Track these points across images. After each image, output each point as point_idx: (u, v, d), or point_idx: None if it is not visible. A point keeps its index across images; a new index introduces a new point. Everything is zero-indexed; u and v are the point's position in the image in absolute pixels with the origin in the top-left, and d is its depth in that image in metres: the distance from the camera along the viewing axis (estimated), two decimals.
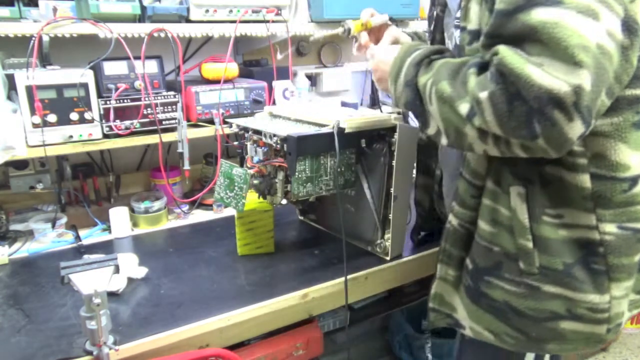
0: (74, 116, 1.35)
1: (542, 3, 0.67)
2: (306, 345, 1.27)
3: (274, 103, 1.67)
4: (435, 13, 1.04)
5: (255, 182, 1.23)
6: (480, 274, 0.95)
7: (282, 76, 1.70)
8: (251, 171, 1.21)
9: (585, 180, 0.82)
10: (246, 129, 1.26)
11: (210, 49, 1.78)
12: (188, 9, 1.45)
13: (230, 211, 1.67)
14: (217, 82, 1.56)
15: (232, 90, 1.58)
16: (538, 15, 0.67)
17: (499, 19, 0.72)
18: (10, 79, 1.31)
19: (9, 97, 1.33)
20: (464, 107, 0.76)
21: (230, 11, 1.50)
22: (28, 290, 1.20)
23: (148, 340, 1.01)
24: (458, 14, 0.93)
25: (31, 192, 1.55)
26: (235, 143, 1.37)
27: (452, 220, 1.00)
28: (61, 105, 1.33)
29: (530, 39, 0.67)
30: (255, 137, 1.23)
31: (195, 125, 1.55)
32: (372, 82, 2.08)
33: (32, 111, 1.30)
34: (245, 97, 1.60)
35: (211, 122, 1.56)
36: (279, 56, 1.23)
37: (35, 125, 1.31)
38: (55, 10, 1.30)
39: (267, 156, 1.21)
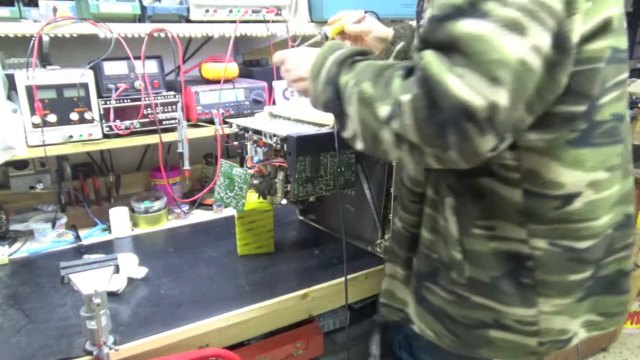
0: (74, 116, 1.35)
1: (470, 14, 0.66)
2: (306, 345, 1.27)
3: (274, 103, 1.67)
4: (422, 7, 1.03)
5: (255, 182, 1.23)
6: (421, 278, 0.97)
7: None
8: (251, 171, 1.21)
9: (517, 195, 0.82)
10: (246, 129, 1.26)
11: (210, 49, 1.78)
12: (188, 9, 1.45)
13: (230, 211, 1.67)
14: (217, 82, 1.56)
15: (232, 90, 1.58)
16: (463, 26, 0.65)
17: (430, 25, 0.70)
18: (10, 79, 1.31)
19: (9, 97, 1.33)
20: (384, 110, 0.74)
21: (230, 11, 1.50)
22: (28, 290, 1.20)
23: (148, 340, 1.01)
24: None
25: (31, 192, 1.55)
26: (235, 143, 1.37)
27: (397, 222, 1.02)
28: (61, 105, 1.33)
29: (454, 49, 0.66)
30: (255, 137, 1.23)
31: (195, 125, 1.55)
32: None
33: (32, 111, 1.30)
34: (245, 97, 1.60)
35: (211, 122, 1.56)
36: (302, 47, 1.24)
37: (35, 125, 1.31)
38: (55, 10, 1.30)
39: (267, 156, 1.21)
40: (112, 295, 1.15)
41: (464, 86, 0.64)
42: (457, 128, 0.66)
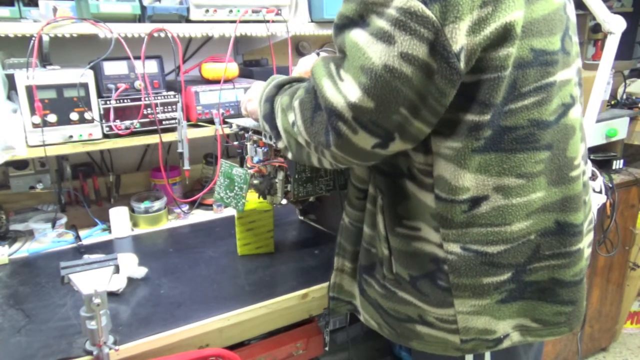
0: (74, 116, 1.35)
1: (357, 25, 0.73)
2: (306, 345, 1.27)
3: None
4: None
5: (255, 182, 1.23)
6: (362, 271, 1.02)
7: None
8: (251, 171, 1.21)
9: (430, 199, 0.84)
10: (246, 129, 1.26)
11: (210, 49, 1.78)
12: (188, 9, 1.45)
13: (230, 211, 1.67)
14: (217, 82, 1.56)
15: (232, 90, 1.58)
16: (350, 35, 0.73)
17: (333, 30, 0.78)
18: (10, 79, 1.31)
19: (9, 97, 1.33)
20: (290, 116, 0.84)
21: (230, 11, 1.50)
22: (28, 290, 1.20)
23: (148, 340, 1.01)
24: None
25: (31, 192, 1.55)
26: (235, 143, 1.37)
27: (345, 217, 1.05)
28: (61, 105, 1.33)
29: (344, 54, 0.74)
30: (255, 137, 1.23)
31: (195, 125, 1.55)
32: None
33: (32, 111, 1.30)
34: None
35: (211, 122, 1.56)
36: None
37: (35, 125, 1.31)
38: (55, 10, 1.30)
39: (267, 156, 1.21)
40: (112, 295, 1.15)
41: (332, 89, 0.73)
42: (332, 127, 0.74)
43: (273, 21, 1.57)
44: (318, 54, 1.20)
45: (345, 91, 0.72)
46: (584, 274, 0.93)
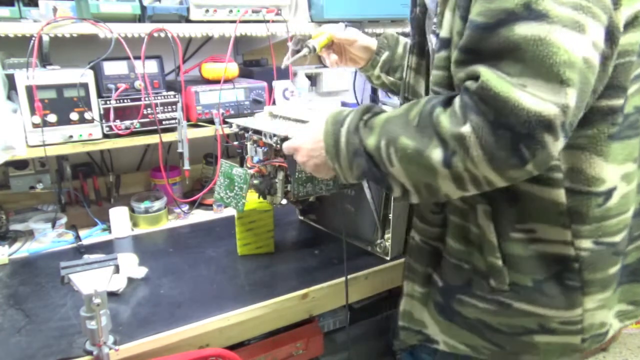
0: (74, 116, 1.35)
1: (526, 17, 0.63)
2: (306, 345, 1.27)
3: (274, 103, 1.67)
4: (416, 14, 1.02)
5: (255, 182, 1.23)
6: (452, 292, 0.93)
7: (282, 76, 1.70)
8: (251, 171, 1.21)
9: (560, 195, 0.79)
10: (246, 129, 1.26)
11: (210, 49, 1.78)
12: (188, 9, 1.45)
13: (230, 211, 1.67)
14: (217, 82, 1.56)
15: (232, 90, 1.58)
16: (521, 31, 0.63)
17: (477, 33, 0.67)
18: (10, 79, 1.31)
19: (9, 97, 1.33)
20: (436, 154, 0.71)
21: (230, 11, 1.50)
22: (28, 290, 1.20)
23: (148, 340, 1.01)
24: (435, 19, 0.87)
25: (31, 192, 1.55)
26: (235, 143, 1.37)
27: (415, 236, 0.98)
28: (61, 105, 1.33)
29: (510, 57, 0.64)
30: (255, 137, 1.23)
31: (195, 125, 1.55)
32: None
33: (32, 111, 1.30)
34: (245, 97, 1.60)
35: (211, 122, 1.56)
36: (287, 62, 1.22)
37: (35, 125, 1.31)
38: (55, 10, 1.30)
39: (267, 156, 1.21)
40: (112, 295, 1.15)
41: (532, 97, 0.62)
42: (532, 142, 0.64)
43: (273, 21, 1.57)
44: (314, 49, 1.19)
45: (547, 96, 0.62)
46: None
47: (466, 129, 0.67)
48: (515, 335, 0.88)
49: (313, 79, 2.00)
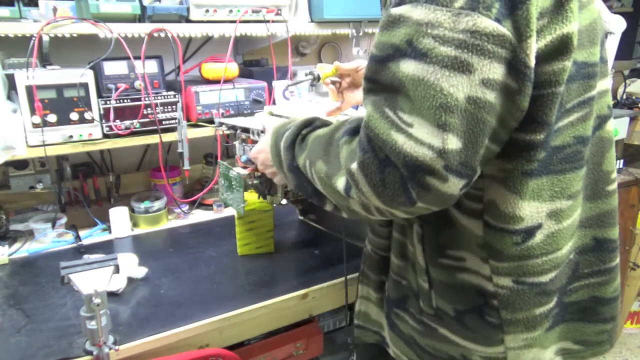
0: (74, 116, 1.35)
1: (409, 55, 0.61)
2: (306, 345, 1.27)
3: (274, 103, 1.67)
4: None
5: (255, 182, 1.23)
6: (391, 305, 0.93)
7: (282, 76, 1.70)
8: (245, 171, 1.20)
9: (478, 227, 0.76)
10: (234, 128, 1.25)
11: (210, 49, 1.78)
12: (188, 9, 1.45)
13: (230, 211, 1.67)
14: (217, 82, 1.56)
15: (232, 90, 1.58)
16: (405, 69, 0.61)
17: (373, 65, 0.66)
18: (10, 79, 1.31)
19: (9, 97, 1.33)
20: (340, 183, 0.71)
21: (230, 11, 1.50)
22: (28, 290, 1.20)
23: (148, 340, 1.01)
24: None
25: (31, 192, 1.55)
26: (235, 143, 1.37)
27: (367, 244, 0.99)
28: (61, 105, 1.33)
29: (402, 93, 0.62)
30: (243, 135, 1.21)
31: (195, 125, 1.55)
32: None
33: (32, 111, 1.30)
34: (245, 97, 1.60)
35: (211, 122, 1.56)
36: (290, 84, 1.24)
37: (35, 125, 1.31)
38: (55, 10, 1.30)
39: None
40: (112, 295, 1.15)
41: (409, 141, 0.61)
42: (416, 183, 0.62)
43: (273, 21, 1.57)
44: (318, 77, 1.19)
45: (426, 139, 0.60)
46: (620, 288, 0.89)
47: (354, 166, 0.67)
48: (441, 359, 0.86)
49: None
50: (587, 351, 0.88)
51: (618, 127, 2.03)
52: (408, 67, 0.61)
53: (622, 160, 2.13)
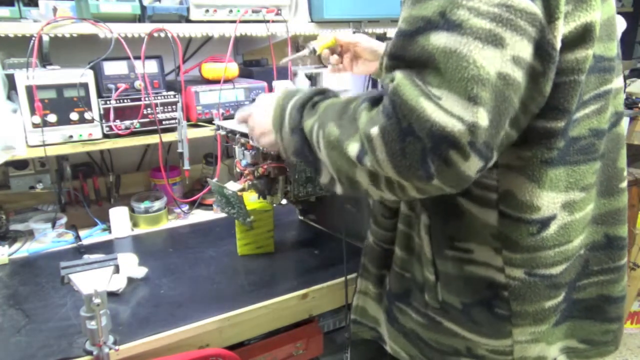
0: (74, 116, 1.35)
1: (442, 27, 0.60)
2: (306, 345, 1.27)
3: None
4: None
5: (255, 182, 1.23)
6: (393, 299, 0.92)
7: (282, 76, 1.70)
8: (240, 185, 1.18)
9: (493, 217, 0.75)
10: (233, 132, 1.24)
11: (210, 49, 1.78)
12: (188, 9, 1.45)
13: None
14: (217, 82, 1.56)
15: (232, 90, 1.58)
16: (436, 41, 0.60)
17: (400, 40, 0.64)
18: (10, 79, 1.31)
19: (9, 97, 1.33)
20: (353, 148, 0.67)
21: (230, 11, 1.50)
22: (28, 290, 1.20)
23: (148, 340, 1.01)
24: None
25: (31, 192, 1.55)
26: None
27: (369, 237, 0.97)
28: (61, 105, 1.33)
29: (431, 66, 0.61)
30: (242, 140, 1.21)
31: (195, 125, 1.55)
32: (374, 82, 2.07)
33: (32, 111, 1.30)
34: (245, 97, 1.60)
35: (211, 122, 1.56)
36: (286, 60, 1.24)
37: (35, 125, 1.31)
38: (55, 10, 1.30)
39: (255, 159, 1.18)
40: (112, 295, 1.15)
41: (438, 110, 0.58)
42: (438, 156, 0.60)
43: (273, 21, 1.57)
44: (314, 51, 1.19)
45: (456, 111, 0.58)
46: (626, 288, 0.89)
47: (374, 130, 0.64)
48: (445, 353, 0.85)
49: (313, 79, 2.00)
50: (592, 351, 0.88)
51: None
52: (439, 39, 0.60)
53: None
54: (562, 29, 0.63)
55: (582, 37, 0.66)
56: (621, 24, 1.56)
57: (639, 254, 2.28)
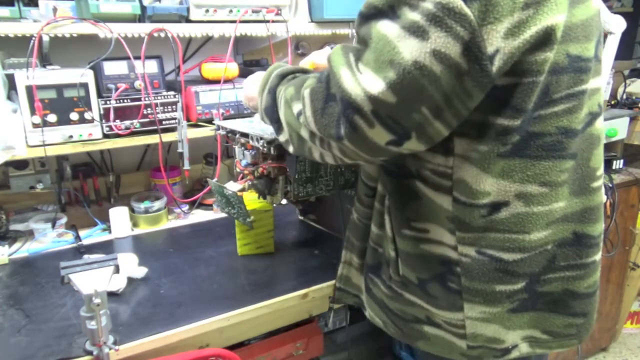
0: (74, 116, 1.35)
1: (386, 16, 0.69)
2: (306, 345, 1.27)
3: None
4: None
5: (255, 182, 1.23)
6: (368, 270, 1.02)
7: None
8: (240, 185, 1.19)
9: (447, 202, 0.81)
10: (233, 132, 1.25)
11: (210, 49, 1.78)
12: (188, 9, 1.45)
13: None
14: (217, 82, 1.56)
15: (232, 90, 1.58)
16: (377, 26, 0.69)
17: (358, 20, 0.74)
18: (10, 79, 1.31)
19: (9, 97, 1.33)
20: (296, 107, 0.80)
21: (230, 11, 1.50)
22: (28, 290, 1.20)
23: (148, 340, 1.01)
24: None
25: (31, 192, 1.55)
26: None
27: (354, 213, 1.05)
28: (61, 105, 1.33)
29: (369, 47, 0.70)
30: (242, 140, 1.21)
31: (195, 125, 1.55)
32: None
33: (32, 111, 1.30)
34: None
35: (211, 122, 1.56)
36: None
37: (35, 125, 1.31)
38: (55, 10, 1.30)
39: (255, 159, 1.19)
40: (112, 295, 1.15)
41: (351, 79, 0.68)
42: (346, 119, 0.70)
43: (273, 21, 1.57)
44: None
45: (364, 83, 0.67)
46: (597, 286, 0.91)
47: (307, 91, 0.76)
48: (409, 321, 0.94)
49: None
50: (554, 342, 0.91)
51: (618, 127, 2.03)
52: (382, 26, 0.69)
53: (622, 160, 2.13)
54: (501, 34, 0.66)
55: (542, 40, 0.69)
56: (621, 24, 1.56)
57: (639, 253, 2.28)
